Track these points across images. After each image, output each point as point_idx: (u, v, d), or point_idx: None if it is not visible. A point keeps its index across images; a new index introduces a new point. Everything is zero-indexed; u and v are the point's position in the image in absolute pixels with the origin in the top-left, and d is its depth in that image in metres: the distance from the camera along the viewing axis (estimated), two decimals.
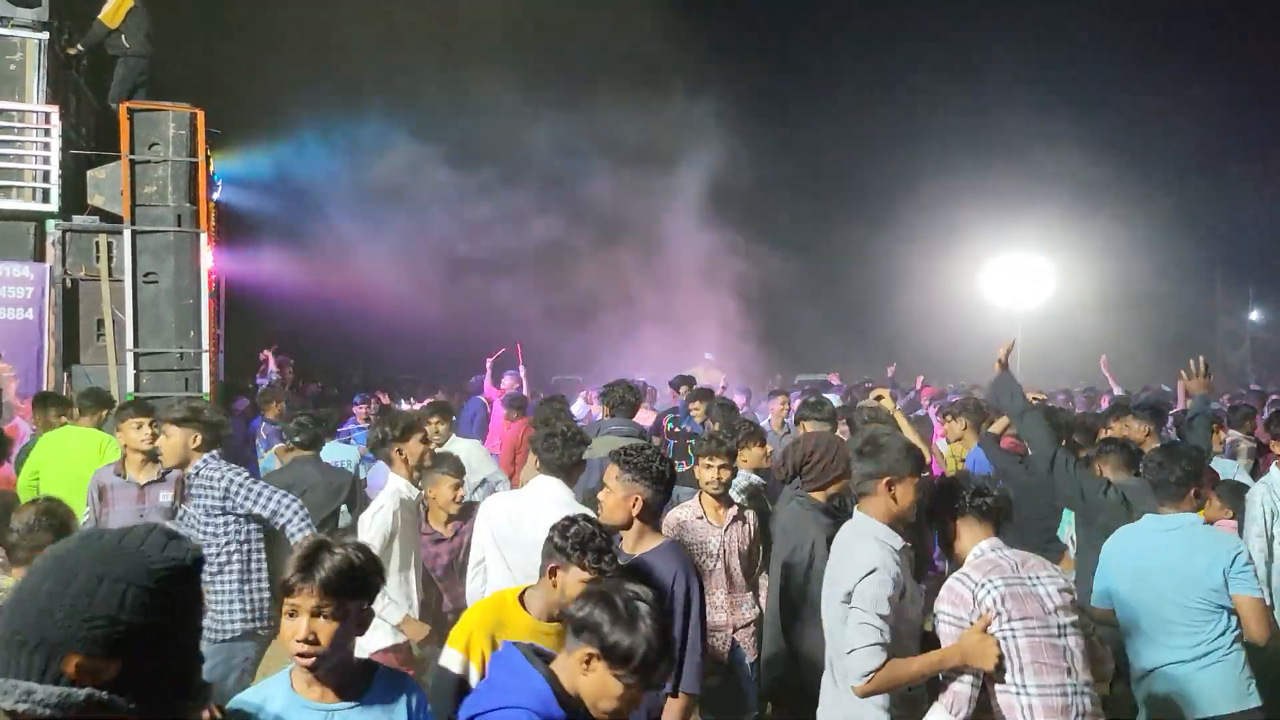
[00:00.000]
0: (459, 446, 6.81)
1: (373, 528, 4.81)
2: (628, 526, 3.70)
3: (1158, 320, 27.01)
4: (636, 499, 3.65)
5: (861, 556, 3.36)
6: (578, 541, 3.11)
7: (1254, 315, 35.45)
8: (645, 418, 9.05)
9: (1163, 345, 26.57)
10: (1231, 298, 34.50)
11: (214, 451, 5.31)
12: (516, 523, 4.32)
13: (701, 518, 5.05)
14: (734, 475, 5.28)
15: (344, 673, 2.50)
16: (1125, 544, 4.36)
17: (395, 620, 4.76)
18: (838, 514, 4.46)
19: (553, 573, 3.16)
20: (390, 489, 4.99)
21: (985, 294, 23.94)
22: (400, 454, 5.05)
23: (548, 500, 4.26)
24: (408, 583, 5.01)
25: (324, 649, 2.39)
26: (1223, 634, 3.94)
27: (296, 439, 6.58)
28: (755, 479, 5.82)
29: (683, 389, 9.64)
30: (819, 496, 4.56)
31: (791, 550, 4.42)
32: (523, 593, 3.31)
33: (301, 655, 2.40)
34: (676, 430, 8.68)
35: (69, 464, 6.71)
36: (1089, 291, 24.74)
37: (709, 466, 5.06)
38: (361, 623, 2.49)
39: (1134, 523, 4.43)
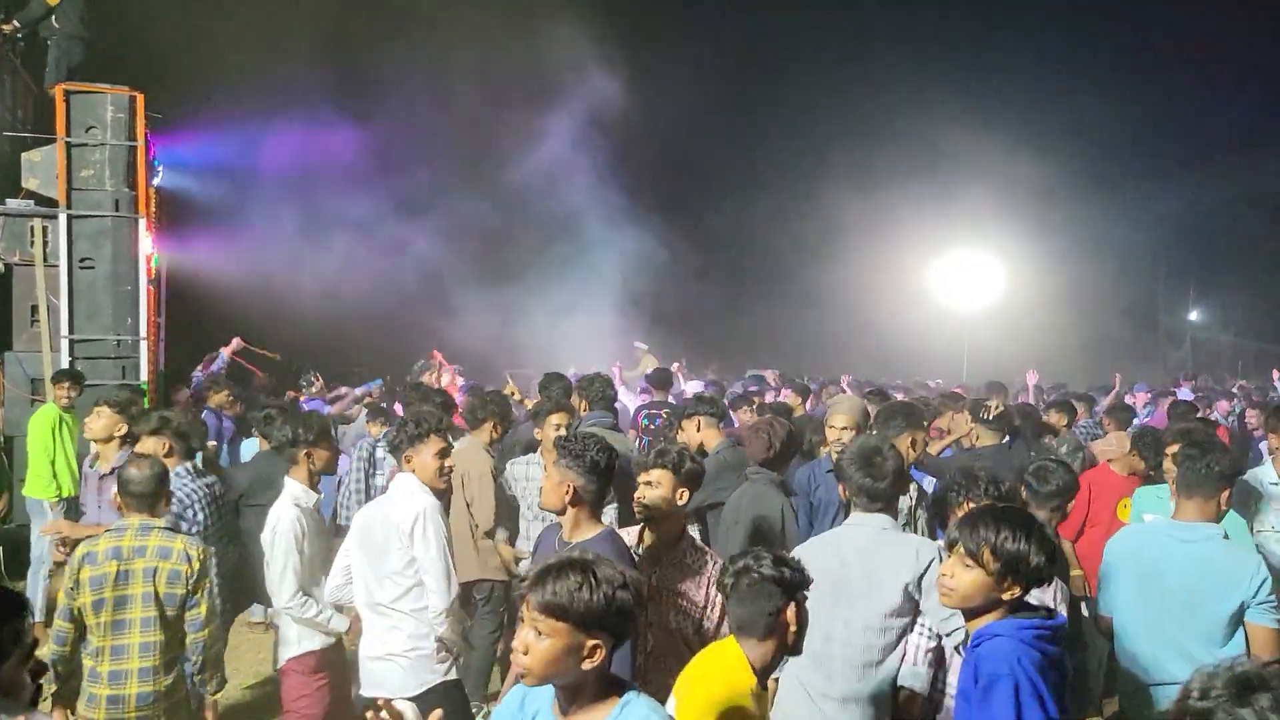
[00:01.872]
0: None
1: (277, 544, 4.69)
2: (563, 511, 3.74)
3: (1102, 320, 27.55)
4: (569, 485, 3.68)
5: None
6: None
7: (1194, 315, 36.33)
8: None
9: (1106, 344, 27.12)
10: (1172, 298, 35.31)
11: (187, 465, 5.34)
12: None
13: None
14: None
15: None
16: (1131, 546, 4.05)
17: (342, 628, 4.73)
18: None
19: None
20: (285, 497, 4.82)
21: (934, 293, 24.26)
22: (309, 457, 4.89)
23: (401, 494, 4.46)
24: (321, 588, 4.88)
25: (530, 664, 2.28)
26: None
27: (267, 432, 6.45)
28: None
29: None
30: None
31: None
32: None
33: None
34: (652, 428, 8.59)
35: None
36: (1036, 291, 25.13)
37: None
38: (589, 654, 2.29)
39: (1143, 524, 4.21)
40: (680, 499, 3.96)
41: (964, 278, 23.90)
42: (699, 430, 6.08)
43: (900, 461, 3.79)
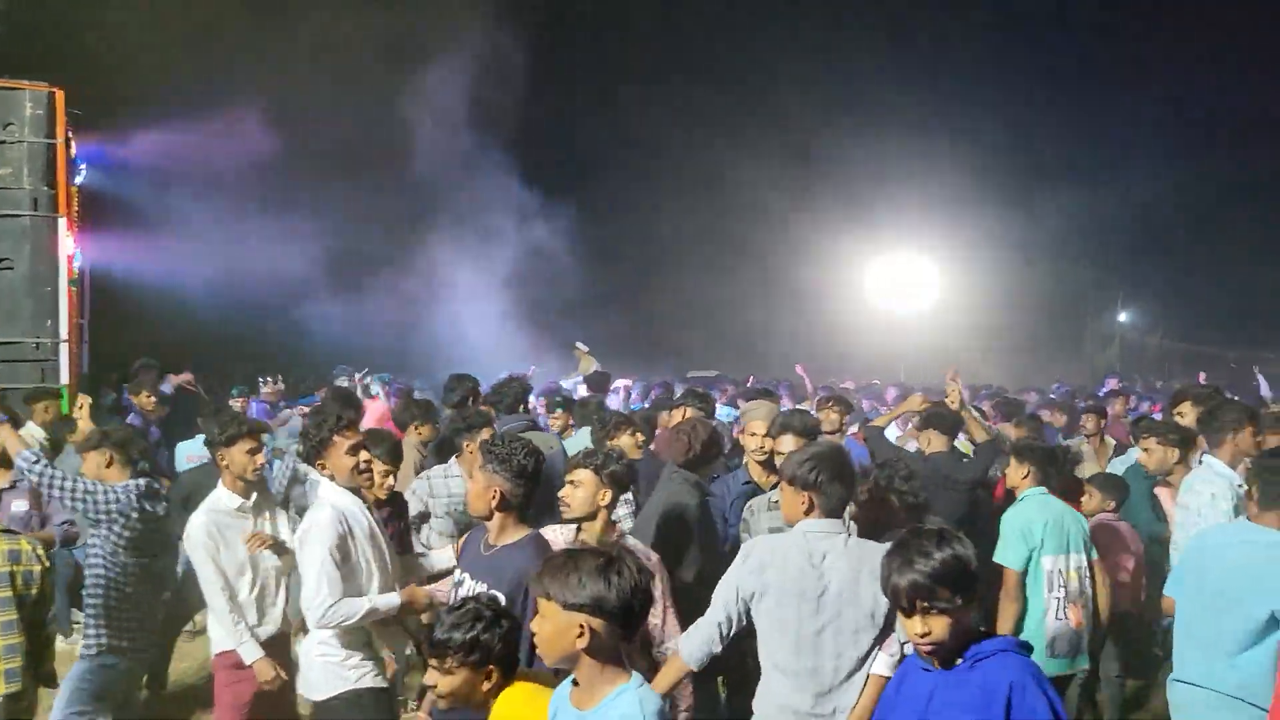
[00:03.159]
0: None
1: (194, 552, 4.67)
2: (489, 517, 3.69)
3: (1033, 321, 28.12)
4: (495, 490, 3.63)
5: None
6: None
7: (1122, 317, 37.23)
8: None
9: (1037, 346, 27.71)
10: (1101, 300, 36.14)
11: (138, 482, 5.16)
12: None
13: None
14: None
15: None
16: (1209, 541, 4.05)
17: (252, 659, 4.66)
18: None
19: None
20: (209, 500, 4.81)
21: (872, 295, 24.59)
22: (223, 460, 4.82)
23: None
24: (246, 592, 4.81)
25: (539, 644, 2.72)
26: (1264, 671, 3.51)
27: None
28: None
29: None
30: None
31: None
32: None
33: None
34: None
35: None
36: (971, 293, 25.57)
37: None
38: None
39: (1223, 524, 4.25)
40: (603, 499, 3.96)
41: (901, 280, 24.28)
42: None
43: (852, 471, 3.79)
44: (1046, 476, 5.19)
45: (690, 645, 3.54)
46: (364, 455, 4.28)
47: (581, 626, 2.51)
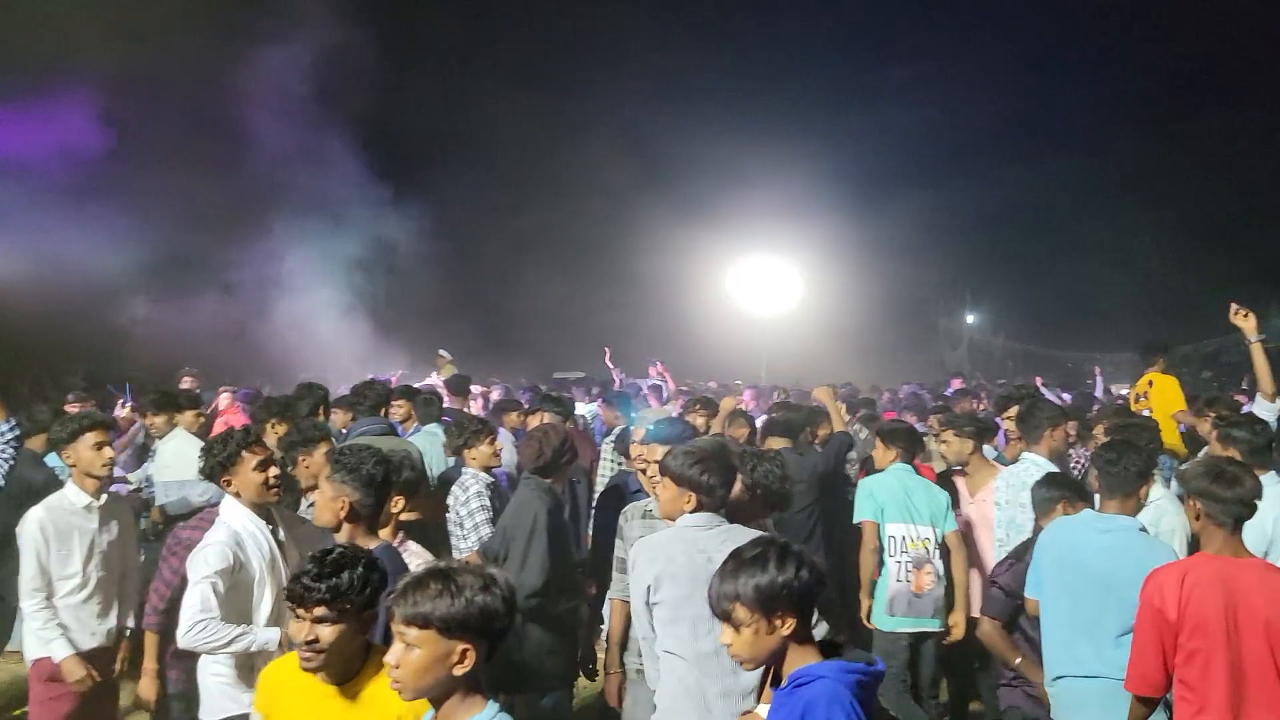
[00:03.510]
0: None
1: (22, 547, 4.41)
2: (338, 528, 3.53)
3: (886, 323, 29.07)
4: (344, 501, 3.50)
5: None
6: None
7: (970, 318, 39.03)
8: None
9: (889, 346, 28.64)
10: (950, 301, 37.82)
11: None
12: None
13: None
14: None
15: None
16: (1058, 537, 4.12)
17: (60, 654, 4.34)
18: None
19: None
20: (53, 496, 4.59)
21: (732, 297, 24.86)
22: (69, 458, 4.58)
23: None
24: (70, 596, 4.49)
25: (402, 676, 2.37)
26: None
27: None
28: (484, 477, 5.50)
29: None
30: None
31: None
32: None
33: None
34: None
35: None
36: (827, 295, 26.21)
37: None
38: None
39: (1071, 516, 4.31)
40: (394, 506, 3.95)
41: (762, 281, 24.63)
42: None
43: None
44: (910, 456, 5.60)
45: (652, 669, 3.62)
46: (273, 471, 4.04)
47: (464, 651, 2.28)
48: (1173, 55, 37.33)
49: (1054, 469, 4.99)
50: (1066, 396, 10.33)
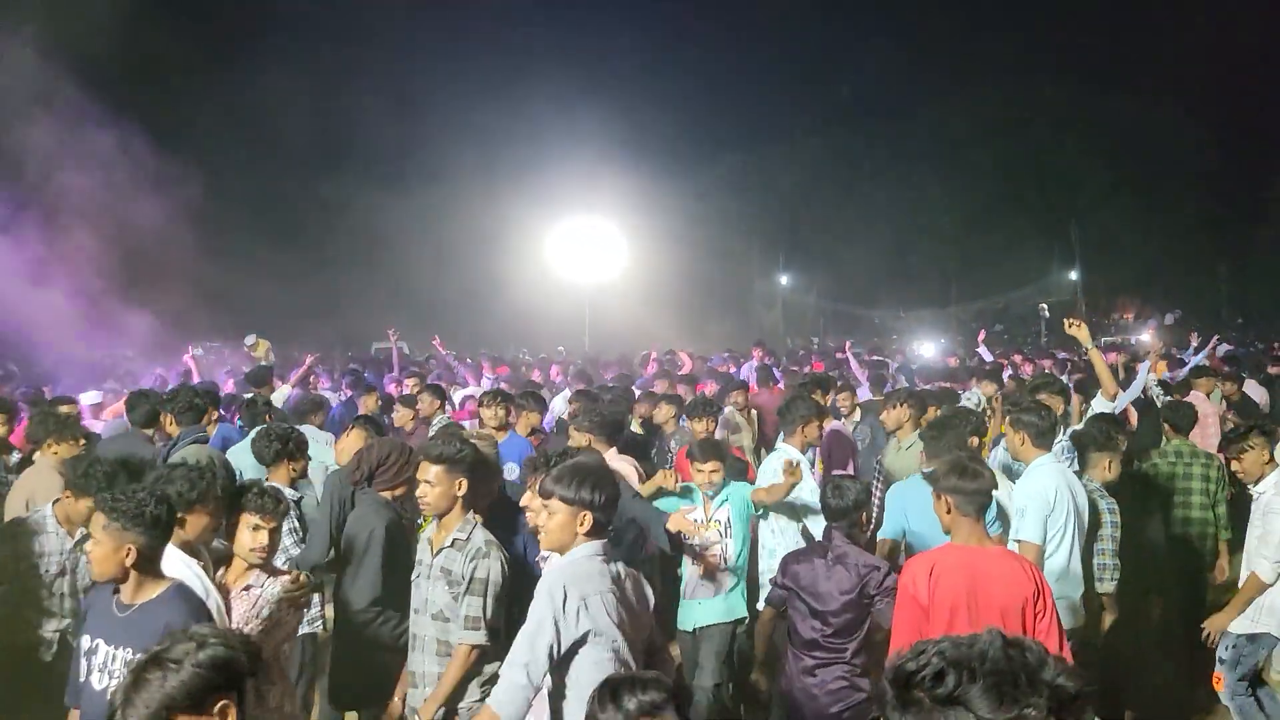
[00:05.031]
0: None
1: None
2: (124, 578, 3.16)
3: (704, 285, 29.53)
4: (129, 549, 3.13)
5: None
6: None
7: (784, 279, 40.22)
8: None
9: (710, 309, 29.16)
10: (765, 263, 38.83)
11: None
12: None
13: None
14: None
15: None
16: (906, 492, 4.65)
17: None
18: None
19: None
20: None
21: (554, 267, 24.62)
22: None
23: None
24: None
25: None
26: None
27: None
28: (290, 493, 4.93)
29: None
30: (388, 495, 4.52)
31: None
32: None
33: None
34: None
35: None
36: (647, 262, 26.35)
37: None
38: None
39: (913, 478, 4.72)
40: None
41: (581, 250, 24.50)
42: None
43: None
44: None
45: (507, 703, 3.09)
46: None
47: (224, 709, 2.26)
48: (967, 30, 39.45)
49: (800, 455, 5.20)
50: (863, 379, 10.36)
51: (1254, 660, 4.56)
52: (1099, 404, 5.88)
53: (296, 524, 4.85)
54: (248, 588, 3.59)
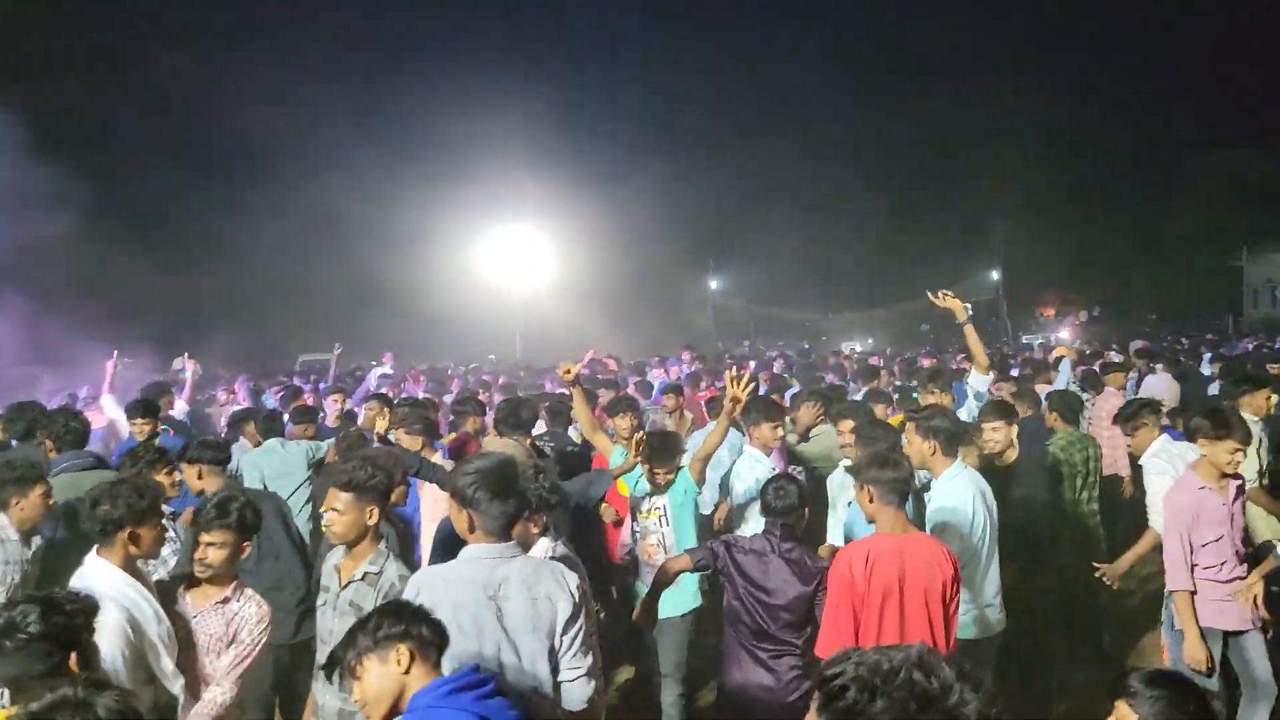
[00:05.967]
0: None
1: None
2: None
3: (637, 292, 29.48)
4: None
5: None
6: None
7: (714, 284, 40.41)
8: None
9: (644, 315, 29.15)
10: (695, 268, 39.00)
11: None
12: None
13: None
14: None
15: None
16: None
17: None
18: None
19: None
20: None
21: (485, 275, 24.35)
22: None
23: None
24: None
25: None
26: None
27: None
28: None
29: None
30: None
31: None
32: None
33: None
34: None
35: None
36: (581, 269, 26.24)
37: None
38: None
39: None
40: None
41: (512, 259, 24.32)
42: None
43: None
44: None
45: None
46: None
47: None
48: (890, 38, 40.16)
49: (762, 456, 5.20)
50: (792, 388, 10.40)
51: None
52: (975, 379, 5.92)
53: (175, 534, 4.60)
54: (225, 600, 3.43)
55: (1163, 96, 37.36)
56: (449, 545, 4.05)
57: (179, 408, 8.31)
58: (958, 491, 4.16)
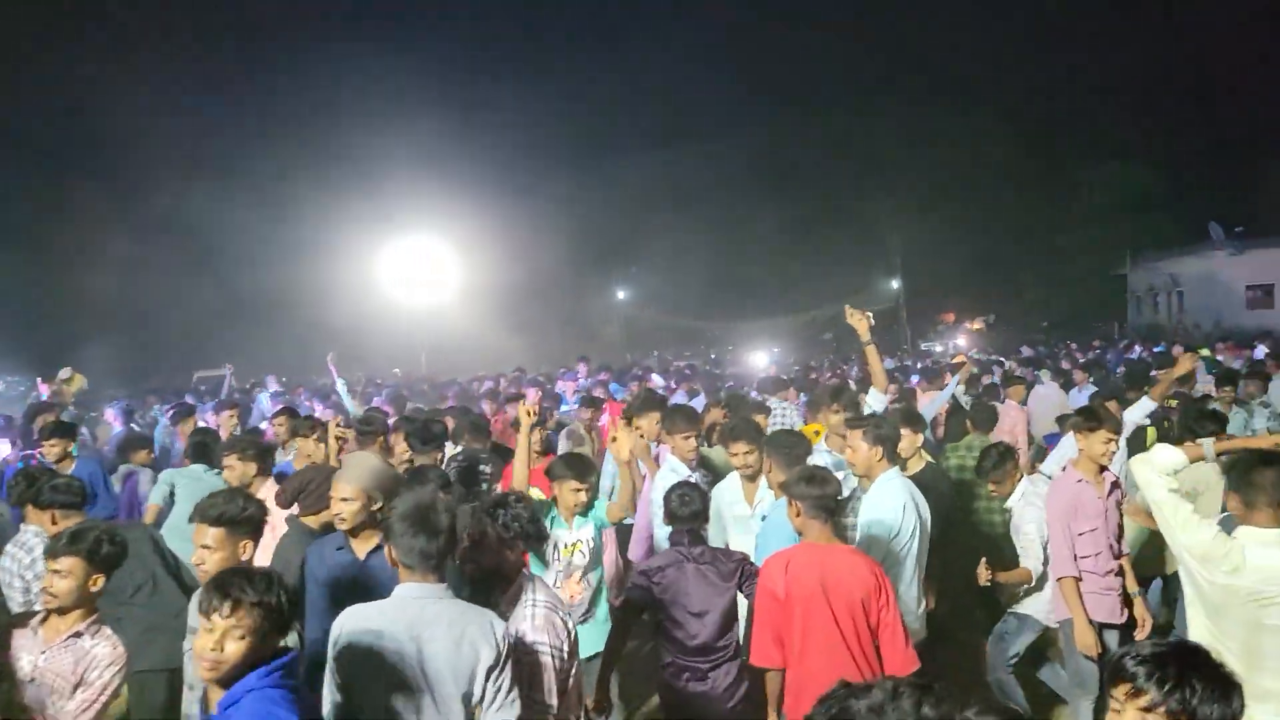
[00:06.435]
0: None
1: None
2: None
3: (543, 304, 29.36)
4: None
5: None
6: None
7: (621, 295, 40.40)
8: None
9: (551, 327, 29.02)
10: (602, 279, 38.93)
11: None
12: None
13: None
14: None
15: None
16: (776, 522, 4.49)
17: None
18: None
19: None
20: None
21: (388, 287, 23.89)
22: None
23: None
24: None
25: None
26: None
27: None
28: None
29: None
30: (312, 522, 4.34)
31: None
32: None
33: None
34: None
35: None
36: (485, 281, 26.00)
37: None
38: None
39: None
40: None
41: (414, 268, 23.90)
42: None
43: (452, 519, 3.09)
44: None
45: None
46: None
47: None
48: (790, 50, 40.89)
49: (683, 467, 5.24)
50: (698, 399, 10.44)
51: (1019, 640, 4.95)
52: (873, 397, 6.00)
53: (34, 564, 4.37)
54: (77, 634, 3.23)
55: (1052, 108, 38.83)
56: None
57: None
58: (891, 497, 4.35)
